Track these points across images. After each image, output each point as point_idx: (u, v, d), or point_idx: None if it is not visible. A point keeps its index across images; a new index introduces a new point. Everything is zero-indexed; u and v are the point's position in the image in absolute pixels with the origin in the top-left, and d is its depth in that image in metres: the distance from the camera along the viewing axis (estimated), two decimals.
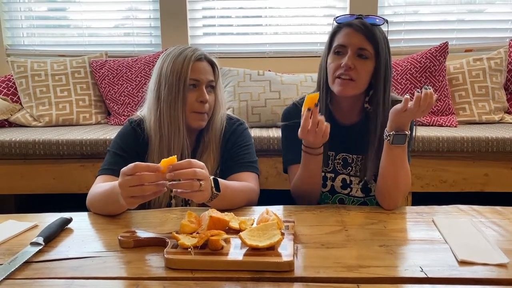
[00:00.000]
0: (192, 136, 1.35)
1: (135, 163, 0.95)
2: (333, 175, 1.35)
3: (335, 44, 1.25)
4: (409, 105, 1.08)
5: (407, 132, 1.13)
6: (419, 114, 1.09)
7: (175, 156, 0.98)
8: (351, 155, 1.33)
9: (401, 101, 1.10)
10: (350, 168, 1.34)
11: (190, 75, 1.27)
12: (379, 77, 1.23)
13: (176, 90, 1.27)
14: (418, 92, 1.06)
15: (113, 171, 1.23)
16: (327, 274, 0.78)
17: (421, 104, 1.06)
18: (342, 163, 1.34)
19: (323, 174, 1.35)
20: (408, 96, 1.08)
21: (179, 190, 0.97)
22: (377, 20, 1.24)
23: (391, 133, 1.13)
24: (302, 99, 1.35)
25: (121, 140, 1.34)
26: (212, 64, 1.34)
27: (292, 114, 1.35)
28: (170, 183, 0.96)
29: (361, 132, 1.29)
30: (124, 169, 0.96)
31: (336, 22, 1.27)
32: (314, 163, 1.22)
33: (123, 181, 0.96)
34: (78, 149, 2.11)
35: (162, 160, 0.96)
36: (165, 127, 1.28)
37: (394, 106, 1.13)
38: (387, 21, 1.26)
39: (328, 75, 1.27)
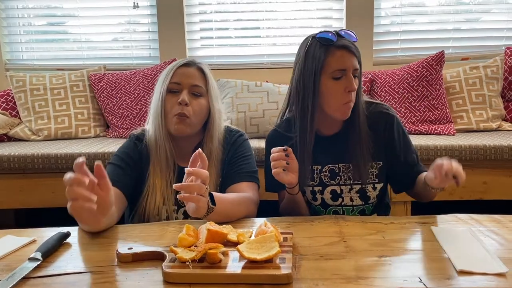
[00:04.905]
0: (190, 147, 1.34)
1: None
2: (320, 188, 1.36)
3: (333, 69, 1.21)
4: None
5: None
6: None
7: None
8: (337, 165, 1.34)
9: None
10: (339, 178, 1.34)
11: (171, 79, 1.28)
12: (359, 89, 1.28)
13: (157, 95, 1.30)
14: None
15: (113, 182, 1.24)
16: (326, 286, 0.78)
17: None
18: (329, 174, 1.35)
19: (310, 188, 1.36)
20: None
21: (186, 195, 0.98)
22: (354, 35, 1.26)
23: (438, 189, 1.16)
24: (281, 123, 1.39)
25: (121, 152, 1.35)
26: (202, 71, 1.32)
27: (275, 140, 1.36)
28: (179, 184, 0.97)
29: (344, 140, 1.31)
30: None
31: (324, 44, 1.21)
32: (296, 200, 1.29)
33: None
34: None
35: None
36: (155, 135, 1.30)
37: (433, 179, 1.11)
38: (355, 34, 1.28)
39: (332, 101, 1.24)
